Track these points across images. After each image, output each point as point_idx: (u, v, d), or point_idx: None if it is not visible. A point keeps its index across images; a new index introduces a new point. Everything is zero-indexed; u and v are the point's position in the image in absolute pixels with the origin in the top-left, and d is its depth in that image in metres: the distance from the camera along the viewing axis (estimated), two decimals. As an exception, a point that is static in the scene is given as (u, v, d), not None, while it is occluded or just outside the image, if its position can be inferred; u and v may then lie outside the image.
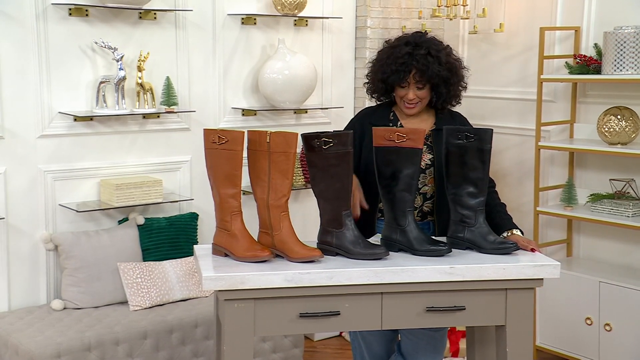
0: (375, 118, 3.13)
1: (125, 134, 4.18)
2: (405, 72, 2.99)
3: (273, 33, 4.58)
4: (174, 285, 4.00)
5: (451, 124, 3.08)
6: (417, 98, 3.03)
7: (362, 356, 3.32)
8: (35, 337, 3.53)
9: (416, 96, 3.03)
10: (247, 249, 2.69)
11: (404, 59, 2.99)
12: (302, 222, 4.39)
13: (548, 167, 4.67)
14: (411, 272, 2.63)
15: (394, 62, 3.01)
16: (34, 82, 3.88)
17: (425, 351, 3.18)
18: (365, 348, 3.30)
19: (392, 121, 3.12)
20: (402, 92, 3.05)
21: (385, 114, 3.14)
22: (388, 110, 3.15)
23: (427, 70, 2.98)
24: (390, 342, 3.31)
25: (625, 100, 4.24)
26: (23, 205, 3.92)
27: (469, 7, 4.79)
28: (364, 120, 3.14)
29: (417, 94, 3.02)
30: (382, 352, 3.29)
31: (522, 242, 2.87)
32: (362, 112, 3.24)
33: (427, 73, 2.98)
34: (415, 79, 3.00)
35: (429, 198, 3.08)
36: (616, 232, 4.35)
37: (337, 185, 2.71)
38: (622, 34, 4.00)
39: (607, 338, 4.13)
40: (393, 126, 3.10)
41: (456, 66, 3.07)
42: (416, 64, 2.98)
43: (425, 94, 3.04)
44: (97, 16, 4.01)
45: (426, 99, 3.06)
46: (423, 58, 2.98)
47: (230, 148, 2.68)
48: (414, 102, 3.04)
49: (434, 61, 2.99)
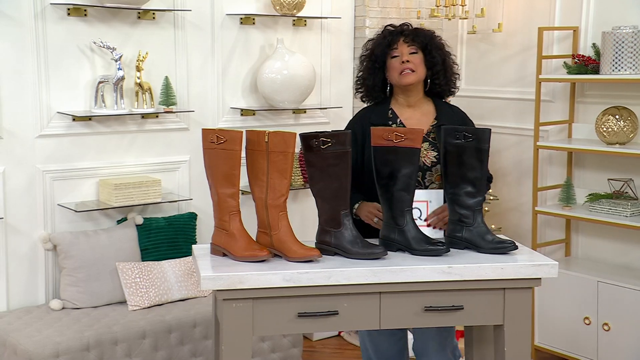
0: (374, 116, 3.13)
1: (124, 133, 4.18)
2: (394, 36, 3.07)
3: (272, 33, 4.59)
4: (173, 285, 4.00)
5: (451, 117, 3.09)
6: (411, 63, 3.04)
7: (370, 357, 3.32)
8: (33, 337, 3.53)
9: (410, 60, 3.04)
10: (246, 248, 2.69)
11: (391, 30, 3.11)
12: (301, 222, 4.40)
13: (546, 167, 4.67)
14: (409, 271, 2.63)
15: (381, 35, 3.12)
16: (33, 82, 3.88)
17: (434, 350, 3.19)
18: (373, 348, 3.29)
19: (391, 118, 3.12)
20: (395, 61, 3.07)
21: (384, 111, 3.14)
22: (386, 107, 3.15)
23: (417, 34, 3.08)
24: (400, 341, 3.31)
25: (623, 100, 4.24)
26: (22, 205, 3.92)
27: (467, 7, 4.80)
28: (364, 121, 3.14)
29: (411, 58, 3.05)
30: (391, 351, 3.29)
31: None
32: (360, 113, 3.24)
33: (417, 36, 3.07)
34: (406, 42, 3.06)
35: None
36: (614, 231, 4.36)
37: (335, 184, 2.71)
38: (621, 34, 4.00)
39: (606, 338, 4.14)
40: (392, 122, 3.10)
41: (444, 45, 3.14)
42: (403, 31, 3.09)
43: (419, 61, 3.06)
44: (95, 16, 4.01)
45: (421, 68, 3.07)
46: (410, 28, 3.11)
47: (228, 148, 2.68)
48: (409, 66, 3.05)
49: (424, 31, 3.10)
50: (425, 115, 3.12)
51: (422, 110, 3.13)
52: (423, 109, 3.13)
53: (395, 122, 3.10)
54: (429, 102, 3.16)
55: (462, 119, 3.14)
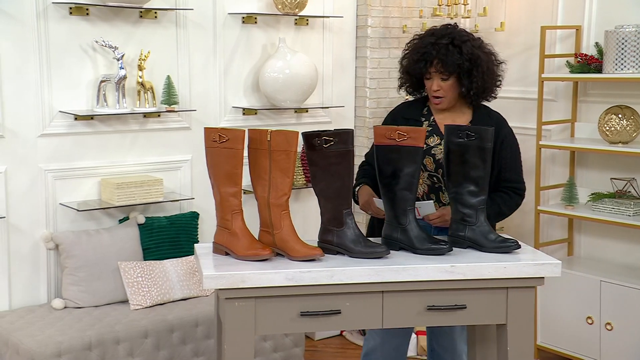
0: (409, 112, 3.16)
1: (126, 133, 4.17)
2: (427, 61, 3.03)
3: (274, 32, 4.58)
4: (175, 285, 4.00)
5: (487, 122, 3.06)
6: (441, 90, 3.04)
7: (367, 352, 3.30)
8: (35, 336, 3.53)
9: (440, 88, 3.03)
10: (248, 247, 2.68)
11: (426, 49, 3.03)
12: (303, 221, 4.39)
13: (549, 166, 4.67)
14: (412, 270, 2.63)
15: (417, 52, 3.06)
16: (35, 81, 3.88)
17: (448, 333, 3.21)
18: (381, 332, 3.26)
19: (425, 116, 3.13)
20: (428, 84, 3.07)
21: (419, 109, 3.16)
22: (422, 105, 3.17)
23: (447, 60, 3.00)
24: (404, 338, 3.30)
25: (626, 99, 4.24)
26: (24, 205, 3.92)
27: (469, 6, 4.79)
28: (397, 116, 3.18)
29: (441, 85, 3.03)
30: (395, 353, 3.28)
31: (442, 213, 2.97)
32: (398, 106, 3.28)
33: (447, 64, 3.00)
34: (438, 69, 3.02)
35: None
36: (617, 231, 4.35)
37: (337, 183, 2.71)
38: (623, 32, 3.99)
39: (608, 337, 4.13)
40: (425, 120, 3.12)
41: (480, 58, 3.05)
42: (436, 53, 3.01)
43: (449, 87, 3.04)
44: (97, 15, 4.01)
45: (452, 92, 3.06)
46: (444, 48, 3.01)
47: (231, 147, 2.67)
48: (439, 94, 3.05)
49: (455, 51, 3.01)
50: (460, 118, 3.12)
51: (457, 113, 3.13)
52: (459, 112, 3.14)
53: (428, 119, 3.12)
54: (467, 105, 3.15)
55: (497, 123, 3.09)
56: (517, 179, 3.15)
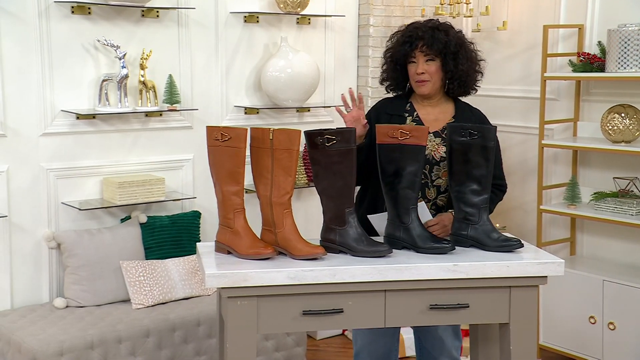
0: (391, 108, 3.14)
1: (128, 132, 4.17)
2: (412, 43, 3.04)
3: (276, 31, 4.58)
4: (177, 284, 4.00)
5: (469, 118, 3.07)
6: (426, 74, 3.03)
7: (358, 351, 3.30)
8: (37, 335, 3.52)
9: (425, 71, 3.03)
10: (250, 246, 2.68)
11: (411, 32, 3.06)
12: (305, 220, 4.39)
13: (551, 166, 4.66)
14: (415, 269, 2.62)
15: (402, 37, 3.08)
16: (37, 80, 3.88)
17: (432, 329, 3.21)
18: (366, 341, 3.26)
19: (408, 111, 3.12)
20: (412, 68, 3.06)
21: (402, 105, 3.15)
22: (405, 101, 3.16)
23: (434, 41, 3.01)
24: (393, 337, 3.29)
25: (629, 99, 4.23)
26: (25, 204, 3.91)
27: (472, 5, 4.79)
28: (381, 110, 3.17)
29: (426, 67, 3.03)
30: (383, 349, 3.28)
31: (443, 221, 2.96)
32: (380, 102, 3.26)
33: (434, 44, 3.01)
34: (422, 52, 3.03)
35: (444, 192, 3.07)
36: (620, 230, 4.34)
37: (340, 182, 2.70)
38: (626, 31, 3.98)
39: (611, 337, 4.12)
40: (409, 115, 3.11)
41: (465, 44, 3.08)
42: (422, 34, 3.03)
43: (434, 69, 3.04)
44: (99, 14, 4.01)
45: (436, 76, 3.05)
46: (430, 30, 3.04)
47: (233, 145, 2.67)
48: (423, 77, 3.04)
49: (441, 34, 3.03)
50: (443, 113, 3.12)
51: (441, 108, 3.13)
52: (442, 107, 3.13)
53: (412, 115, 3.10)
54: (449, 101, 3.15)
55: (480, 121, 3.10)
56: (501, 175, 3.19)
